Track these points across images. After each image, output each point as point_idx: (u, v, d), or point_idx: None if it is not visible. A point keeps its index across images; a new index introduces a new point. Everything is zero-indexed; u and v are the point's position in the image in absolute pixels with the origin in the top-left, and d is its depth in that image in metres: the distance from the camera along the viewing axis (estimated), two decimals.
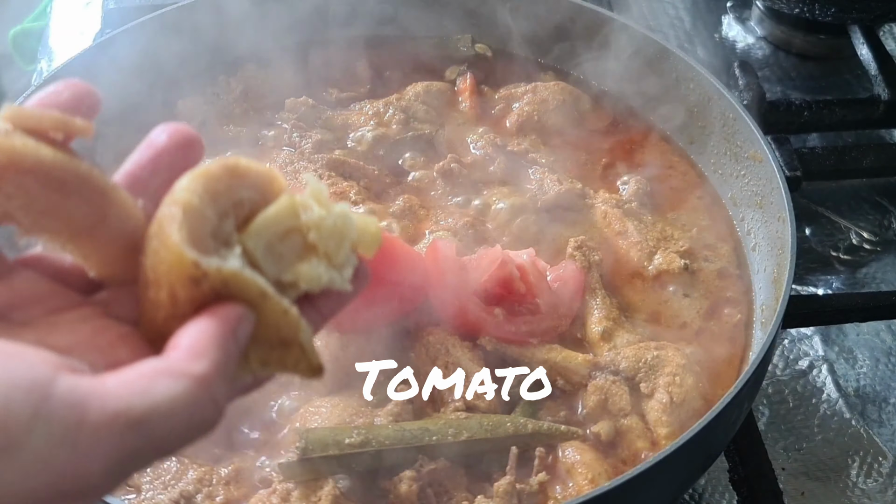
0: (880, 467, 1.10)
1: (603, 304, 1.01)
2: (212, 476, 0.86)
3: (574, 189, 1.14)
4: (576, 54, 1.33)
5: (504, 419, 0.88)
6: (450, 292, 0.94)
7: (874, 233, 1.36)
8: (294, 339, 0.52)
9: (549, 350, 0.94)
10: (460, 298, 0.94)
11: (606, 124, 1.28)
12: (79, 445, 0.42)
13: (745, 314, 1.05)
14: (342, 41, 1.34)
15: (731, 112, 1.14)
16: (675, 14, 1.72)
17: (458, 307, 0.94)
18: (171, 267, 0.49)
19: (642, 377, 0.92)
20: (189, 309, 0.49)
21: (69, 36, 1.60)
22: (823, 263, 1.33)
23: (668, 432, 0.90)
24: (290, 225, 0.54)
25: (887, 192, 1.42)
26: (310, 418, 0.88)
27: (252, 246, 0.52)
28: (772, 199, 1.05)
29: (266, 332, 0.51)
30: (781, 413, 1.15)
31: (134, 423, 0.43)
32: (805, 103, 1.40)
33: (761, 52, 1.65)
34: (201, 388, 0.45)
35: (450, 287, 0.94)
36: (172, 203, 0.50)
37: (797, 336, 1.23)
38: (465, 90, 1.29)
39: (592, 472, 0.86)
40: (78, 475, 0.43)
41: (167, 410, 0.44)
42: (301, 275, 0.54)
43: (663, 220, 1.14)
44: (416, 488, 0.82)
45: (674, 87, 1.22)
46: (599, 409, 0.92)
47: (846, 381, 1.19)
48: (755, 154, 1.10)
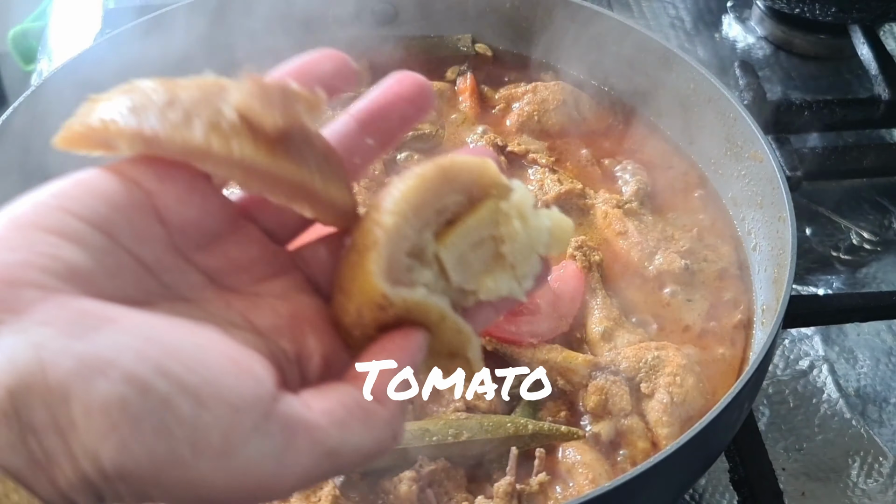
0: (881, 467, 1.10)
1: (603, 304, 1.01)
2: None
3: (574, 189, 1.14)
4: (576, 54, 1.33)
5: (504, 419, 0.88)
6: None
7: (875, 233, 1.35)
8: (462, 352, 0.52)
9: (549, 350, 0.94)
10: None
11: (607, 124, 1.28)
12: (283, 462, 0.45)
13: (746, 314, 1.05)
14: (342, 41, 1.34)
15: (732, 112, 1.14)
16: (675, 14, 1.72)
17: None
18: (362, 289, 0.49)
19: (643, 377, 0.92)
20: (372, 326, 0.50)
21: (69, 36, 1.60)
22: (824, 263, 1.32)
23: (669, 432, 0.90)
24: (486, 234, 0.53)
25: (888, 192, 1.41)
26: None
27: (445, 257, 0.51)
28: (772, 199, 1.05)
29: (437, 346, 0.52)
30: (782, 413, 1.15)
31: (331, 452, 0.46)
32: (805, 103, 1.40)
33: (762, 51, 1.64)
34: (389, 427, 0.49)
35: None
36: (377, 224, 0.49)
37: (797, 336, 1.23)
38: (465, 90, 1.29)
39: (593, 473, 0.86)
40: (273, 485, 0.46)
41: (359, 445, 0.48)
42: (484, 287, 0.53)
43: (664, 221, 1.14)
44: (415, 489, 0.82)
45: (674, 86, 1.22)
46: (600, 409, 0.92)
47: (847, 381, 1.19)
48: (756, 154, 1.10)
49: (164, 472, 0.43)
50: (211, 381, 0.43)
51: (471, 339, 0.51)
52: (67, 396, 0.41)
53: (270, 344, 0.49)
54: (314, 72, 0.54)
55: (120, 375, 0.42)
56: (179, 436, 0.42)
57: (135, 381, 0.42)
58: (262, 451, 0.44)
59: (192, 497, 0.45)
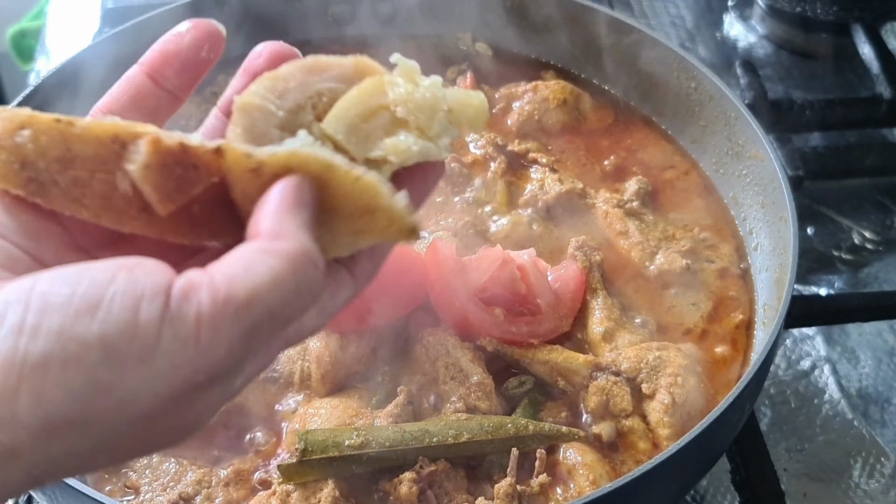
0: (882, 468, 1.10)
1: (604, 304, 1.00)
2: (211, 478, 0.86)
3: (575, 189, 1.14)
4: (577, 53, 1.32)
5: (505, 420, 0.88)
6: (450, 293, 0.93)
7: (876, 232, 1.35)
8: (376, 204, 0.51)
9: (550, 351, 0.94)
10: (460, 299, 0.93)
11: (607, 123, 1.28)
12: (201, 339, 0.45)
13: (747, 314, 1.04)
14: (342, 40, 1.34)
15: (733, 111, 1.14)
16: (676, 13, 1.71)
17: (458, 308, 0.93)
18: (232, 162, 0.50)
19: (644, 378, 0.92)
20: (258, 197, 0.51)
21: (67, 35, 1.59)
22: (825, 263, 1.32)
23: (670, 433, 0.89)
24: (375, 104, 0.55)
25: (889, 192, 1.41)
26: (309, 420, 0.88)
27: (332, 130, 0.53)
28: (774, 198, 1.05)
29: (345, 202, 0.52)
30: (783, 414, 1.15)
31: (244, 304, 0.46)
32: (807, 102, 1.40)
33: (763, 50, 1.64)
34: (296, 259, 0.47)
35: (450, 287, 0.93)
36: (234, 107, 0.53)
37: (799, 336, 1.23)
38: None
39: (594, 474, 0.85)
40: (206, 365, 0.46)
41: (272, 284, 0.46)
42: (388, 148, 0.54)
43: (665, 220, 1.13)
44: (416, 490, 0.82)
45: (675, 86, 1.22)
46: (601, 410, 0.91)
47: (848, 381, 1.19)
48: (757, 153, 1.10)
49: (91, 406, 0.44)
50: (102, 284, 0.45)
51: (376, 186, 0.50)
52: None
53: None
54: (174, 50, 0.57)
55: (7, 331, 0.43)
56: (92, 359, 0.44)
57: (23, 329, 0.43)
58: (177, 339, 0.45)
59: (128, 430, 0.46)
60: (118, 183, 0.50)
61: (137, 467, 0.87)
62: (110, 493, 0.85)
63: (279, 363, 0.93)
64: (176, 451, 0.88)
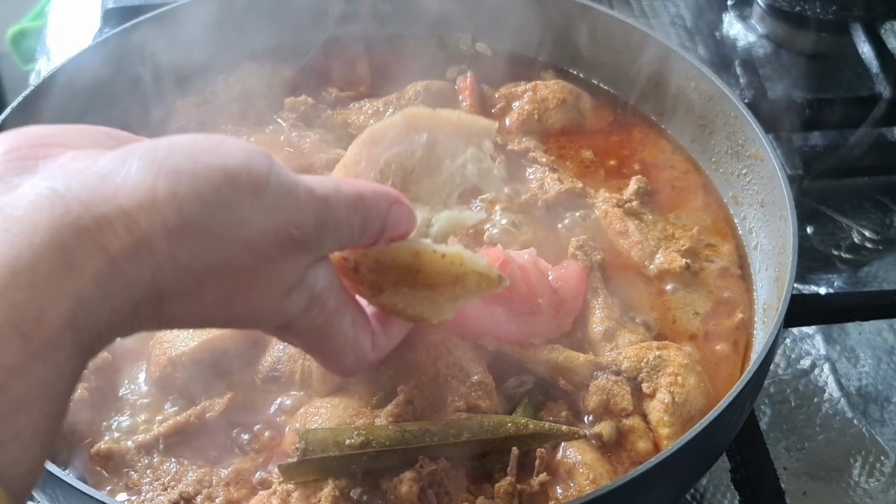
0: (882, 467, 1.10)
1: (605, 303, 1.00)
2: (211, 477, 0.86)
3: (575, 188, 1.14)
4: (576, 53, 1.32)
5: (505, 419, 0.88)
6: None
7: (876, 231, 1.35)
8: (464, 271, 0.62)
9: (550, 350, 0.94)
10: None
11: (607, 123, 1.28)
12: (298, 200, 0.59)
13: (747, 313, 1.04)
14: (342, 40, 1.34)
15: (733, 110, 1.14)
16: (675, 12, 1.71)
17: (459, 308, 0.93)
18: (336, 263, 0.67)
19: (644, 377, 0.92)
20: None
21: (68, 35, 1.59)
22: (825, 262, 1.32)
23: (670, 432, 0.89)
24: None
25: (889, 191, 1.41)
26: (310, 419, 0.88)
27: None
28: (773, 197, 1.05)
29: (439, 277, 0.61)
30: (783, 413, 1.15)
31: (325, 198, 0.61)
32: (806, 101, 1.40)
33: (762, 50, 1.64)
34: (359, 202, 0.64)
35: None
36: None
37: (799, 335, 1.23)
38: (465, 89, 1.29)
39: (594, 473, 0.85)
40: (300, 222, 0.59)
41: (355, 197, 0.63)
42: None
43: (664, 220, 1.14)
44: (416, 489, 0.82)
45: (675, 85, 1.22)
46: (601, 409, 0.91)
47: (848, 380, 1.19)
48: (756, 153, 1.10)
49: (214, 216, 0.54)
50: (216, 138, 0.57)
51: (460, 256, 0.61)
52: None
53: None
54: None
55: (142, 151, 0.55)
56: (216, 177, 0.54)
57: (156, 152, 0.55)
58: (281, 189, 0.57)
59: (235, 265, 0.56)
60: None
61: (138, 467, 0.87)
62: (111, 493, 0.85)
63: (280, 362, 0.93)
64: (176, 450, 0.88)
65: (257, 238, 0.56)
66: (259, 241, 0.57)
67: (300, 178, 0.60)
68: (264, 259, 0.58)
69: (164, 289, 0.54)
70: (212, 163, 0.54)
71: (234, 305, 0.59)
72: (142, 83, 1.21)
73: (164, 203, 0.52)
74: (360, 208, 0.64)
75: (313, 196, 0.60)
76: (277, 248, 0.58)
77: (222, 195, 0.54)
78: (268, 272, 0.59)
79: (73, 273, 0.49)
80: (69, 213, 0.50)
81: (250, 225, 0.56)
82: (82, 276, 0.49)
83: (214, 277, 0.56)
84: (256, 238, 0.56)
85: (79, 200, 0.50)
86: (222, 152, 0.55)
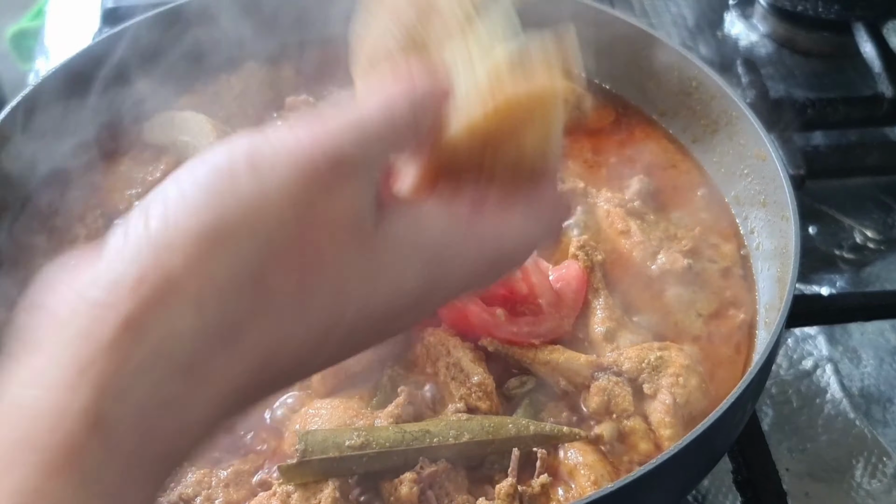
0: (885, 468, 1.09)
1: (606, 304, 1.00)
2: (211, 478, 0.85)
3: (576, 188, 1.14)
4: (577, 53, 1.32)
5: (506, 420, 0.87)
6: None
7: (879, 231, 1.35)
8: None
9: (551, 351, 0.93)
10: (461, 299, 0.93)
11: (608, 123, 1.27)
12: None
13: (749, 314, 1.04)
14: (342, 39, 1.33)
15: (734, 110, 1.14)
16: (677, 11, 1.71)
17: (459, 308, 0.93)
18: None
19: (645, 378, 0.92)
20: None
21: (67, 35, 1.59)
22: (827, 262, 1.32)
23: (672, 433, 0.89)
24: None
25: (892, 191, 1.41)
26: (310, 420, 0.88)
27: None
28: (775, 197, 1.05)
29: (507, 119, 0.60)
30: (785, 413, 1.14)
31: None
32: (809, 101, 1.40)
33: (764, 49, 1.64)
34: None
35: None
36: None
37: (801, 336, 1.23)
38: None
39: (595, 474, 0.85)
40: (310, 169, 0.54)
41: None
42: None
43: (666, 220, 1.13)
44: (416, 490, 0.82)
45: (676, 85, 1.22)
46: (602, 410, 0.91)
47: (850, 381, 1.19)
48: (759, 152, 1.09)
49: (225, 196, 0.50)
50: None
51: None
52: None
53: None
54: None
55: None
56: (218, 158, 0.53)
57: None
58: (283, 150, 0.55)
59: (270, 251, 0.50)
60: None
61: None
62: None
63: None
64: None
65: (277, 213, 0.51)
66: (281, 217, 0.51)
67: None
68: (295, 236, 0.52)
69: (218, 337, 0.49)
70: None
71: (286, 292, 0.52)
72: (141, 83, 1.21)
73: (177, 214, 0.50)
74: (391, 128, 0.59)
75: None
76: (305, 215, 0.52)
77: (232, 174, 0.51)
78: (304, 249, 0.52)
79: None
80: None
81: (267, 204, 0.51)
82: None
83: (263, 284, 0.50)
84: (276, 214, 0.51)
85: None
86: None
